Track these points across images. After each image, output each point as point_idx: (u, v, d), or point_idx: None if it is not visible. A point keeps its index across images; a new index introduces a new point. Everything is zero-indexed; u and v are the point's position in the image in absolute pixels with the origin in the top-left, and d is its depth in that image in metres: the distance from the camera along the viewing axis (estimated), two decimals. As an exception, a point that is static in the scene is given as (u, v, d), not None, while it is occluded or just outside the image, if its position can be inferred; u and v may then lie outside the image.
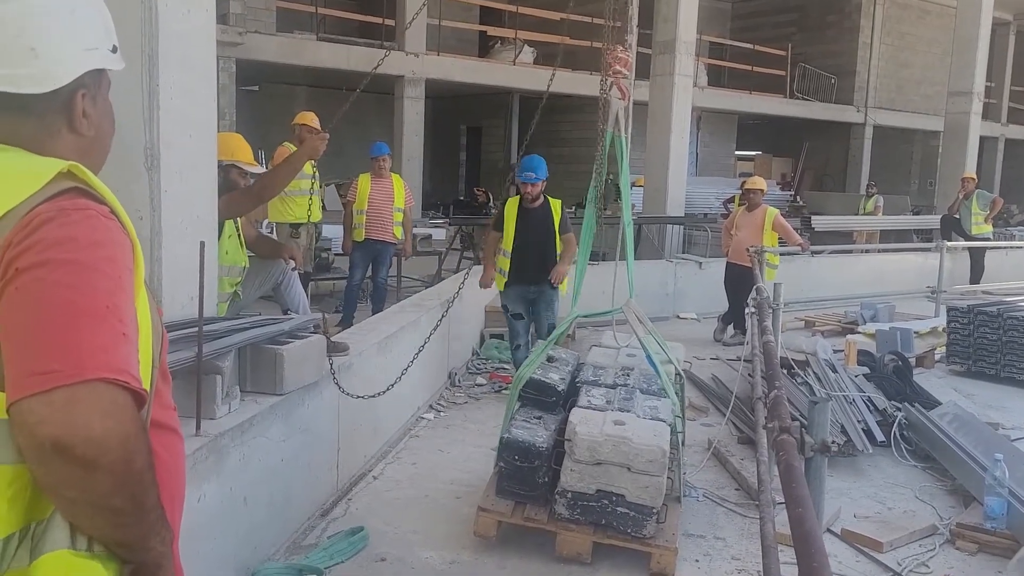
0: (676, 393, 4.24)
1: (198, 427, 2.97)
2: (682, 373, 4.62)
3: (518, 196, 6.17)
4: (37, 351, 1.03)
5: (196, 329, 2.96)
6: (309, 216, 5.25)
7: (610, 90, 4.44)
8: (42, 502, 1.10)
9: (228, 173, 4.30)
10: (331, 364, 3.84)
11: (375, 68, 4.49)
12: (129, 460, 1.06)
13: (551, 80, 4.78)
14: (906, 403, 5.40)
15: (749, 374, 5.58)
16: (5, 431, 1.05)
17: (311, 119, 7.49)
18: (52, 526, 1.09)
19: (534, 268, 6.05)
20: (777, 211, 8.56)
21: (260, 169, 4.53)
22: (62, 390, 1.01)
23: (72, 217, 1.10)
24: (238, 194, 4.31)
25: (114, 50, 1.30)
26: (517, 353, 6.27)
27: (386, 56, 4.71)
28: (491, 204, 18.42)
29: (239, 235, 4.43)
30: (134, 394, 1.08)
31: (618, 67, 4.39)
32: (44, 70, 1.18)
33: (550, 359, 4.46)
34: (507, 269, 6.09)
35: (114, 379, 1.04)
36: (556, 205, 6.11)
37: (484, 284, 6.22)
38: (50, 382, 1.01)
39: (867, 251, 13.41)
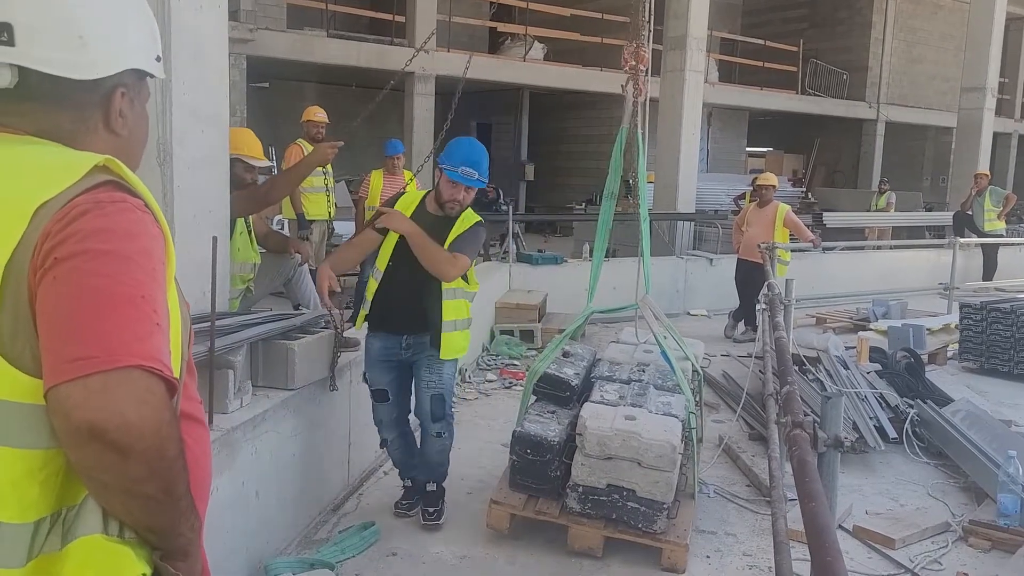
0: (692, 390, 4.23)
1: (210, 421, 2.98)
2: (699, 370, 4.61)
3: (423, 194, 3.92)
4: (74, 338, 1.05)
5: (208, 324, 2.97)
6: (329, 212, 5.26)
7: (627, 85, 4.42)
8: (73, 488, 1.12)
9: (233, 167, 4.31)
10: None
11: (404, 67, 4.49)
12: (162, 447, 1.08)
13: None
14: (918, 400, 5.38)
15: (760, 371, 5.56)
16: (37, 416, 1.08)
17: (315, 114, 7.53)
18: (84, 511, 1.12)
19: (405, 309, 3.73)
20: (788, 207, 8.53)
21: (266, 163, 4.53)
22: (98, 376, 1.04)
23: (108, 209, 1.13)
24: (245, 195, 4.31)
25: (158, 59, 1.35)
26: (390, 449, 4.06)
27: (416, 54, 4.74)
28: (500, 200, 18.39)
29: (250, 232, 4.45)
30: (167, 382, 1.10)
31: (634, 62, 4.38)
32: (90, 58, 1.22)
33: (565, 354, 4.47)
34: (371, 300, 3.83)
35: (149, 367, 1.07)
36: (467, 219, 3.82)
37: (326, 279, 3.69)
38: (87, 368, 1.03)
39: (879, 248, 13.34)
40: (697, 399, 4.36)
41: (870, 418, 5.14)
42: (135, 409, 1.04)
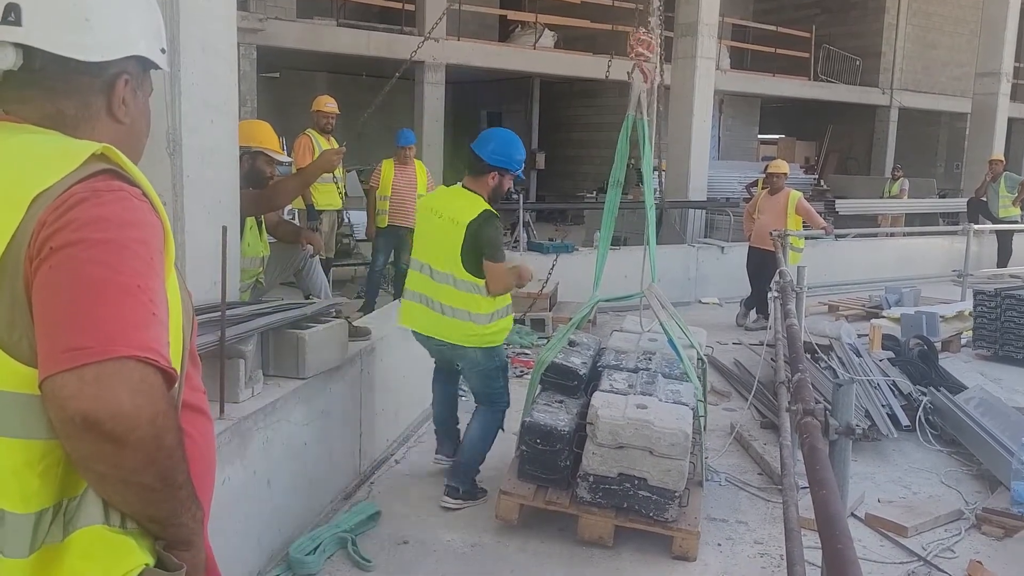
0: (698, 378, 4.22)
1: (222, 410, 2.99)
2: (704, 358, 4.60)
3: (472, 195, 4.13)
4: (70, 328, 1.05)
5: (219, 313, 2.97)
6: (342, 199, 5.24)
7: (632, 72, 4.39)
8: (74, 479, 1.12)
9: (255, 160, 4.32)
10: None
11: (413, 54, 4.50)
12: (158, 437, 1.08)
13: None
14: (931, 387, 5.35)
15: (772, 359, 5.54)
16: (36, 407, 1.08)
17: (325, 104, 7.53)
18: (85, 502, 1.12)
19: None
20: (800, 194, 8.48)
21: (287, 159, 4.54)
22: (93, 366, 1.03)
23: (105, 198, 1.12)
24: (252, 196, 4.32)
25: (163, 52, 1.36)
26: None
27: (425, 40, 4.72)
28: (511, 189, 18.32)
29: (260, 225, 4.46)
30: (164, 373, 1.09)
31: (640, 49, 4.34)
32: (96, 40, 1.23)
33: (571, 343, 4.46)
34: None
35: (144, 357, 1.07)
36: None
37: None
38: (82, 358, 1.03)
39: (892, 235, 13.26)
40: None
41: (883, 406, 5.12)
42: (129, 399, 1.04)
